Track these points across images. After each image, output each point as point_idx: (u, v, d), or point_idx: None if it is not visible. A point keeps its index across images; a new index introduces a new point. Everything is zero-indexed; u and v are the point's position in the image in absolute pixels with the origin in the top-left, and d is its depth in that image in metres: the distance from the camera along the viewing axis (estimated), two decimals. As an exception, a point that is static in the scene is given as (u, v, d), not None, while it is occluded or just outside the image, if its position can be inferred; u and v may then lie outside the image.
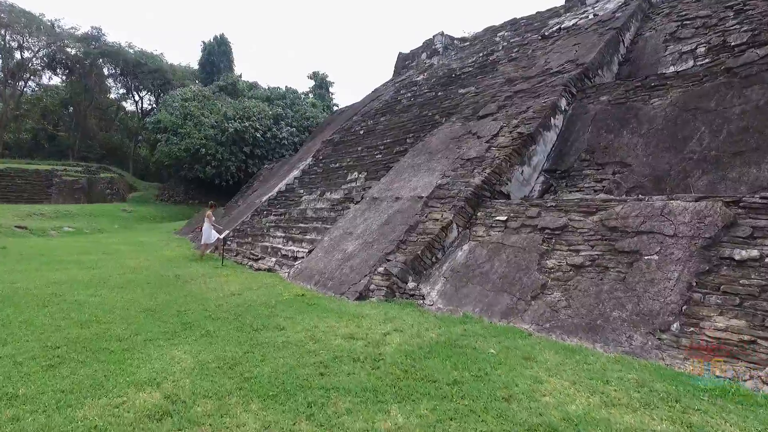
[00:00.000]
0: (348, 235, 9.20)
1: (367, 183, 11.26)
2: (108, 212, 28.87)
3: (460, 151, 9.71)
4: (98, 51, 44.03)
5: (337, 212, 11.04)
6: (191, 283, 8.57)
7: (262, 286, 8.28)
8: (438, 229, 7.79)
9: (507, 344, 4.87)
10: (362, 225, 9.25)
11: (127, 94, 53.22)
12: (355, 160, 13.38)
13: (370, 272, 7.65)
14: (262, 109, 33.70)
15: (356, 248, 8.54)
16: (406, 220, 8.45)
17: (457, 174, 8.98)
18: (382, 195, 9.92)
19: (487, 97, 11.47)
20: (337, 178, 13.08)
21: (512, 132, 9.22)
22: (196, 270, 10.36)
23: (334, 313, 6.17)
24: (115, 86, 52.99)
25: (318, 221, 11.25)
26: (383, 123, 14.65)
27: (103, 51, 44.31)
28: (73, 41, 44.92)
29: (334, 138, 16.65)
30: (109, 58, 46.88)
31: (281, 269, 10.12)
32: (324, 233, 10.27)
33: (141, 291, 7.65)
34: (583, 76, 9.77)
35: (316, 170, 14.91)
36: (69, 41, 45.49)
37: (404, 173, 10.27)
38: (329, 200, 11.89)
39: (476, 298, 6.50)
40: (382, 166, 11.72)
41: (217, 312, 6.19)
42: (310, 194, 13.31)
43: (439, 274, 7.40)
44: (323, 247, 9.43)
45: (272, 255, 11.20)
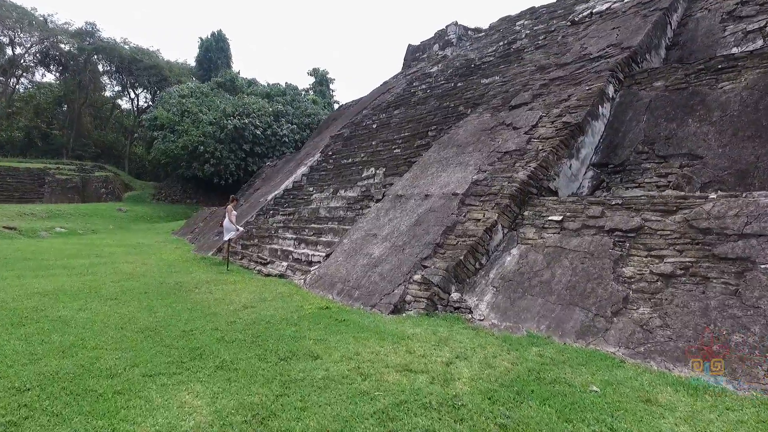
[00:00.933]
0: (372, 237, 8.11)
1: (387, 179, 10.17)
2: (103, 212, 27.59)
3: (494, 144, 8.64)
4: (92, 47, 42.63)
5: (354, 211, 9.94)
6: (195, 293, 7.44)
7: (277, 297, 7.17)
8: (481, 231, 6.71)
9: (605, 377, 3.80)
10: (388, 226, 8.16)
11: (123, 92, 51.79)
12: (369, 155, 12.29)
13: (405, 281, 6.56)
14: (262, 106, 32.50)
15: (384, 252, 7.45)
16: (441, 220, 7.37)
17: (496, 168, 7.91)
18: (408, 192, 8.83)
19: (517, 85, 10.41)
20: (351, 174, 11.98)
21: (555, 122, 8.16)
22: (199, 276, 9.23)
23: (372, 332, 5.08)
24: (110, 83, 51.65)
25: (333, 221, 10.15)
26: (398, 116, 13.56)
27: (98, 47, 42.90)
28: (67, 37, 43.50)
29: (344, 133, 15.54)
30: (104, 55, 45.50)
31: (295, 275, 9.01)
32: (342, 235, 9.17)
33: (138, 303, 6.51)
34: (631, 60, 8.72)
35: (326, 166, 13.80)
36: (63, 37, 44.08)
37: (430, 168, 9.19)
38: (344, 198, 10.79)
39: (539, 312, 5.43)
40: (402, 161, 10.63)
41: (230, 332, 5.08)
42: (321, 192, 12.20)
43: (486, 282, 6.32)
44: (343, 250, 8.33)
45: (283, 259, 10.08)
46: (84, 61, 45.13)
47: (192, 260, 12.25)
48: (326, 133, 17.98)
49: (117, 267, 10.30)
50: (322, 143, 16.29)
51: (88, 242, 17.51)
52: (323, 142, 16.20)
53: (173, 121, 32.28)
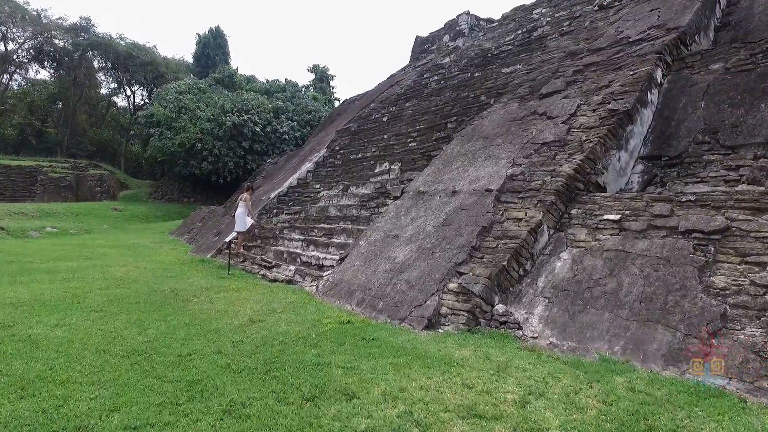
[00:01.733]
0: (393, 239, 7.15)
1: (404, 175, 9.22)
2: (97, 211, 26.50)
3: (527, 135, 7.71)
4: (87, 42, 41.42)
5: (369, 210, 8.98)
6: (193, 303, 6.46)
7: (287, 307, 6.20)
8: (525, 233, 5.76)
9: (737, 428, 2.86)
10: (411, 226, 7.21)
11: (119, 89, 50.56)
12: (382, 149, 11.33)
13: (438, 289, 5.61)
14: (261, 102, 31.44)
15: (409, 256, 6.49)
16: (475, 219, 6.43)
17: (533, 162, 6.97)
18: (431, 188, 7.88)
19: (546, 73, 9.48)
20: (362, 170, 11.02)
21: (597, 110, 7.23)
22: (197, 281, 8.25)
23: (412, 356, 4.12)
24: (105, 80, 50.34)
25: (346, 221, 9.18)
26: (410, 108, 12.61)
27: (93, 42, 41.69)
28: (61, 32, 42.26)
29: (351, 127, 14.57)
30: (99, 51, 44.26)
31: (305, 281, 8.04)
32: (357, 236, 8.21)
33: (126, 316, 5.53)
34: (679, 42, 7.81)
35: (334, 162, 12.83)
36: (57, 32, 42.80)
37: (455, 162, 8.25)
38: (356, 196, 9.83)
39: (608, 329, 4.49)
40: (420, 155, 9.68)
41: (237, 356, 4.12)
42: (329, 189, 11.23)
43: (534, 292, 5.38)
44: (360, 253, 7.37)
45: (290, 262, 9.11)
46: (79, 57, 43.91)
47: (189, 263, 11.26)
48: (331, 129, 17.02)
49: (107, 271, 9.29)
50: (327, 138, 15.33)
51: (79, 243, 16.46)
52: (329, 137, 15.23)
53: (170, 117, 31.19)
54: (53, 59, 45.88)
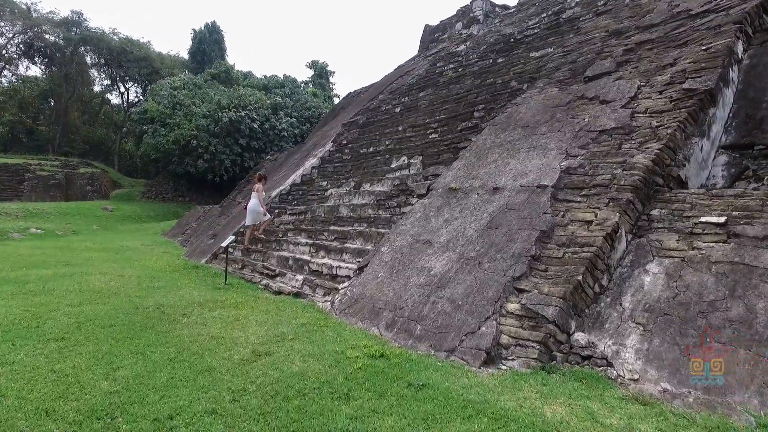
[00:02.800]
0: (425, 246, 5.90)
1: (427, 170, 7.97)
2: (86, 211, 25.07)
3: (578, 121, 6.49)
4: (79, 37, 39.89)
5: (389, 210, 7.73)
6: (182, 324, 5.19)
7: (299, 331, 4.94)
8: (600, 239, 4.53)
9: None
10: (446, 229, 5.96)
11: (112, 86, 48.95)
12: (396, 142, 10.08)
13: (494, 312, 4.37)
14: (259, 98, 30.08)
15: (449, 267, 5.25)
16: (530, 222, 5.19)
17: (593, 152, 5.75)
18: (465, 185, 6.64)
19: (588, 54, 8.27)
20: (375, 165, 9.77)
21: (666, 91, 6.02)
22: (189, 294, 6.97)
23: (486, 417, 2.88)
24: (98, 77, 48.73)
25: (361, 223, 7.93)
26: (426, 98, 11.37)
27: (85, 37, 40.15)
28: (52, 26, 40.69)
29: (359, 120, 13.31)
30: (92, 46, 42.69)
31: (316, 294, 6.79)
32: (377, 241, 6.96)
33: (94, 348, 4.25)
34: (762, 10, 6.61)
35: (342, 157, 11.57)
36: (47, 27, 41.21)
37: (490, 154, 7.02)
38: (371, 194, 8.57)
39: (750, 375, 3.26)
40: (444, 148, 8.45)
41: (239, 420, 2.86)
42: (338, 187, 9.96)
43: (619, 315, 4.15)
44: (384, 262, 6.12)
45: (296, 270, 7.85)
46: (70, 52, 42.36)
47: (182, 269, 9.96)
48: (335, 123, 15.76)
49: (86, 281, 7.99)
50: (332, 132, 14.06)
51: (63, 245, 15.10)
52: (333, 131, 13.97)
53: (164, 114, 29.80)
54: (44, 55, 44.27)
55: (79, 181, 29.60)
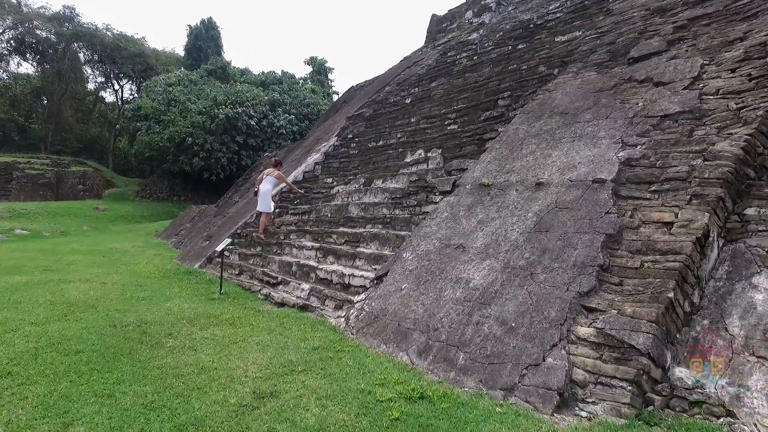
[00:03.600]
0: (458, 251, 4.94)
1: (449, 164, 7.01)
2: (77, 211, 23.97)
3: (631, 106, 5.56)
4: (71, 32, 38.67)
5: (407, 210, 6.77)
6: (166, 350, 4.21)
7: (311, 360, 3.97)
8: (689, 244, 3.60)
9: None
10: (482, 232, 5.00)
11: (106, 83, 47.71)
12: (410, 134, 9.12)
13: (561, 338, 3.42)
14: (257, 95, 29.01)
15: (492, 278, 4.30)
16: (590, 223, 4.25)
17: (656, 140, 4.82)
18: (500, 180, 5.69)
19: (628, 35, 7.34)
20: (387, 159, 8.80)
21: (741, 69, 5.11)
22: (177, 307, 5.98)
23: None
24: (92, 74, 47.52)
25: (375, 224, 6.96)
26: (440, 88, 10.41)
27: (77, 32, 38.94)
28: (44, 21, 39.43)
29: (365, 113, 12.34)
30: (85, 42, 41.47)
31: (326, 307, 5.82)
32: (397, 245, 6.00)
33: (47, 388, 3.27)
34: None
35: (348, 152, 10.59)
36: (39, 22, 39.96)
37: (526, 145, 6.07)
38: (385, 191, 7.60)
39: None
40: (467, 139, 7.50)
41: None
42: (346, 184, 8.99)
43: (728, 345, 3.21)
44: (407, 270, 5.16)
45: (301, 278, 6.88)
46: (63, 48, 41.15)
47: (172, 275, 8.97)
48: (337, 117, 14.78)
49: (61, 290, 7.00)
50: (335, 126, 13.08)
51: (48, 248, 14.07)
52: (337, 125, 12.99)
53: (158, 110, 28.69)
54: (36, 51, 43.04)
55: (70, 180, 28.48)
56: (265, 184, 8.41)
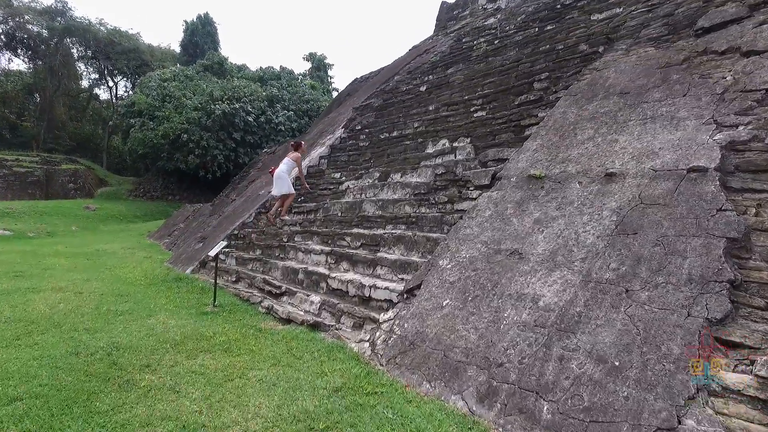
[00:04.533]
0: (513, 259, 3.89)
1: (483, 154, 5.96)
2: (67, 210, 22.78)
3: (716, 81, 4.54)
4: (63, 27, 37.36)
5: (435, 207, 5.71)
6: (139, 393, 3.15)
7: (334, 410, 2.92)
8: None
9: None
10: (542, 234, 3.95)
11: (101, 80, 46.47)
12: (429, 123, 8.07)
13: (698, 387, 2.37)
14: (254, 90, 27.89)
15: (569, 294, 3.25)
16: (697, 223, 3.21)
17: (766, 118, 3.79)
18: (553, 171, 4.65)
19: (691, 3, 6.32)
20: (404, 151, 7.75)
21: None
22: (162, 325, 4.90)
23: None
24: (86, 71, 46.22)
25: (396, 224, 5.89)
26: (459, 74, 9.37)
27: (69, 27, 37.63)
28: (35, 15, 38.11)
29: (373, 103, 11.29)
30: (78, 37, 40.17)
31: (341, 325, 4.76)
32: (429, 249, 4.94)
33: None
34: None
35: (357, 144, 9.53)
36: (30, 16, 38.64)
37: (580, 131, 5.04)
38: (406, 186, 6.53)
39: None
40: (501, 127, 6.46)
41: None
42: (357, 179, 7.93)
43: None
44: (448, 282, 4.10)
45: (309, 288, 5.81)
46: (55, 44, 39.86)
47: (161, 282, 7.89)
48: (342, 109, 13.72)
49: (27, 302, 5.91)
50: (341, 118, 12.02)
51: (29, 250, 12.95)
52: (343, 117, 11.94)
53: (153, 106, 27.55)
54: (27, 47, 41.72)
55: (60, 179, 27.28)
56: (281, 166, 7.91)
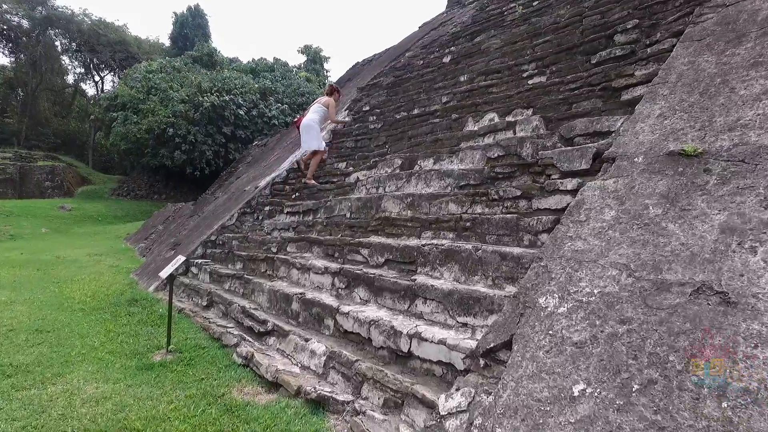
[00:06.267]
0: (709, 303, 1.95)
1: (566, 127, 4.03)
2: (38, 210, 20.62)
3: None
4: (43, 16, 35.02)
5: (498, 205, 3.76)
6: None
7: None
8: None
9: None
10: (752, 256, 2.01)
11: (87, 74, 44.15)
12: (463, 96, 6.14)
13: None
14: (246, 82, 25.81)
15: None
16: None
17: None
18: (717, 144, 2.73)
19: None
20: (432, 131, 5.81)
21: None
22: (69, 394, 2.91)
23: None
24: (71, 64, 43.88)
25: (438, 230, 3.93)
26: (494, 39, 7.44)
27: (50, 16, 35.31)
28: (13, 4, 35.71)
29: (382, 81, 9.34)
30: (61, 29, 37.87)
31: (366, 403, 2.78)
32: (505, 274, 3.00)
33: None
34: None
35: (367, 127, 7.58)
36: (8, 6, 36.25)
37: (740, 84, 3.12)
38: (446, 176, 4.56)
39: None
40: (576, 93, 4.53)
41: None
42: (370, 168, 5.96)
43: None
44: (567, 343, 2.17)
45: (308, 325, 3.85)
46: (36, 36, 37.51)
47: (109, 306, 5.88)
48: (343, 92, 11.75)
49: None
50: (343, 100, 10.06)
51: (-24, 257, 10.87)
52: (346, 98, 9.99)
53: (137, 99, 25.38)
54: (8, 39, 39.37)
55: (36, 176, 25.08)
56: (308, 114, 6.21)
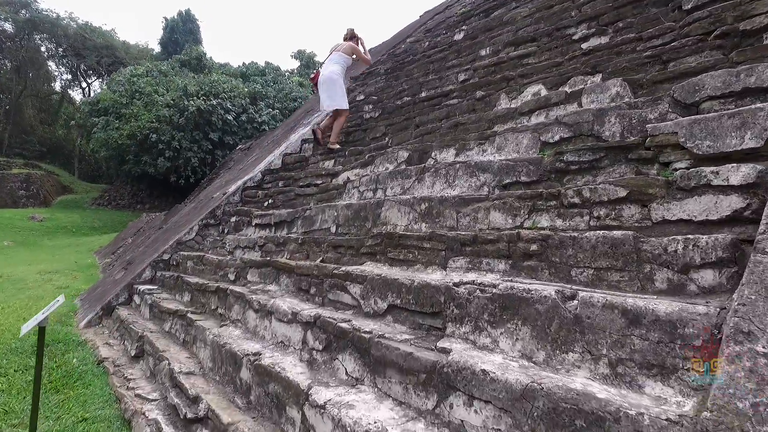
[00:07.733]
0: None
1: (647, 94, 2.55)
2: (5, 221, 18.90)
3: None
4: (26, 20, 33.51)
5: (581, 212, 2.22)
6: None
7: None
8: None
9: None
10: None
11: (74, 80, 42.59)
12: (487, 71, 4.65)
13: None
14: (235, 86, 24.32)
15: None
16: None
17: None
18: None
19: None
20: (449, 115, 4.31)
21: None
22: None
23: None
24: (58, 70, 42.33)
25: (477, 256, 2.39)
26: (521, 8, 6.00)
27: (34, 19, 33.78)
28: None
29: (379, 69, 7.87)
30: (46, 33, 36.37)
31: None
32: (633, 358, 1.43)
33: None
34: None
35: (362, 116, 6.06)
36: (-9, 9, 34.74)
37: None
38: (479, 170, 3.06)
39: None
40: (684, 49, 3.02)
41: None
42: (363, 166, 4.43)
43: None
44: None
45: (260, 409, 2.28)
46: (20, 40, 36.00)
47: (10, 353, 4.26)
48: (336, 88, 10.29)
49: None
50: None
51: None
52: (338, 91, 8.51)
53: (119, 103, 23.80)
54: (-9, 43, 37.85)
55: (9, 185, 23.36)
56: (328, 65, 5.01)
